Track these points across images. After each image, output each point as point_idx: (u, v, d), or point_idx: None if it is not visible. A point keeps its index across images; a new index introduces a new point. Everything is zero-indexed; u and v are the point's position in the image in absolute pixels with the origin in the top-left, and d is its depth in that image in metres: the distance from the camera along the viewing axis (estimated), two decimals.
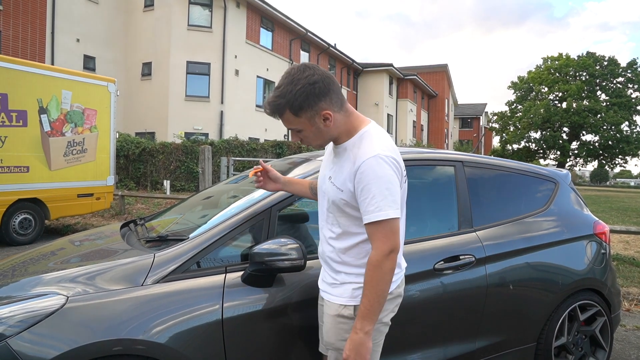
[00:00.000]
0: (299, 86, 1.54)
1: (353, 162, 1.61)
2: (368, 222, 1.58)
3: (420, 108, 42.14)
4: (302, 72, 1.57)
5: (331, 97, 1.60)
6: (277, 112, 1.61)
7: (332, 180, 1.71)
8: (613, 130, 40.52)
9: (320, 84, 1.56)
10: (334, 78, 1.65)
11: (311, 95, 1.55)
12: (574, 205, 3.13)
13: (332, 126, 1.64)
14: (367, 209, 1.57)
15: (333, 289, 1.77)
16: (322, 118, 1.60)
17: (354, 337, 1.59)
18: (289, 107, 1.57)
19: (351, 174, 1.61)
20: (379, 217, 1.55)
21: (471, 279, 2.46)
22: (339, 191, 1.67)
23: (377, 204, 1.55)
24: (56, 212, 7.96)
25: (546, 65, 44.05)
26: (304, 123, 1.62)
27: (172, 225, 2.72)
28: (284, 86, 1.57)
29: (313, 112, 1.59)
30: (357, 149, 1.63)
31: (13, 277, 2.17)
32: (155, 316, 1.80)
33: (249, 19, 22.15)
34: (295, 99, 1.55)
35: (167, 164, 15.79)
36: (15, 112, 7.13)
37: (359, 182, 1.58)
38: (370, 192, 1.55)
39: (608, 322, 2.97)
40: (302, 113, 1.58)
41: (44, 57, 16.86)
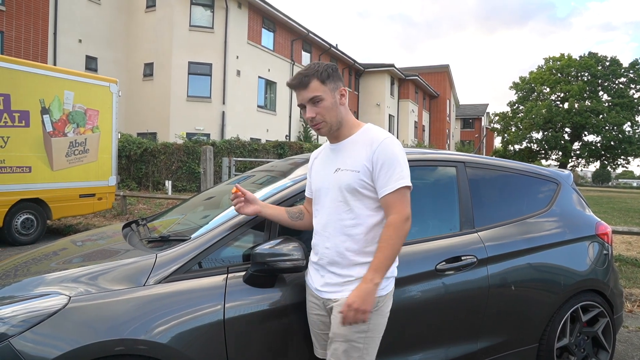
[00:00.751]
0: (324, 64, 1.84)
1: (369, 144, 1.80)
2: (392, 190, 1.75)
3: (422, 108, 42.12)
4: (322, 62, 1.86)
5: (343, 84, 1.90)
6: (305, 80, 1.81)
7: (342, 169, 1.84)
8: (615, 131, 40.45)
9: (338, 72, 1.87)
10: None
11: (335, 72, 1.85)
12: (576, 206, 3.12)
13: (344, 105, 1.88)
14: (390, 179, 1.76)
15: (346, 286, 1.81)
16: (339, 93, 1.86)
17: (363, 286, 1.71)
18: (318, 76, 1.81)
19: (369, 154, 1.79)
20: (403, 184, 1.76)
21: (473, 279, 2.45)
22: (354, 173, 1.80)
23: (400, 174, 1.76)
24: (58, 212, 7.97)
25: (548, 66, 44.00)
26: (327, 92, 1.82)
27: (174, 226, 2.72)
28: (311, 65, 1.84)
29: (335, 85, 1.84)
30: (369, 135, 1.84)
31: (15, 277, 2.17)
32: (157, 316, 1.80)
33: (251, 20, 22.17)
34: (323, 69, 1.82)
35: (168, 165, 15.81)
36: (18, 113, 7.15)
37: (379, 158, 1.77)
38: (393, 164, 1.76)
39: (610, 323, 2.96)
40: (328, 82, 1.82)
41: (46, 58, 16.90)
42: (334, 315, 1.80)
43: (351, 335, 1.77)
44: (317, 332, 1.96)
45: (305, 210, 2.12)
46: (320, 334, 1.95)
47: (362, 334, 1.77)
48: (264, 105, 23.84)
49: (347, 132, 1.89)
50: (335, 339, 1.79)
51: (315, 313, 1.94)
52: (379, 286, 1.74)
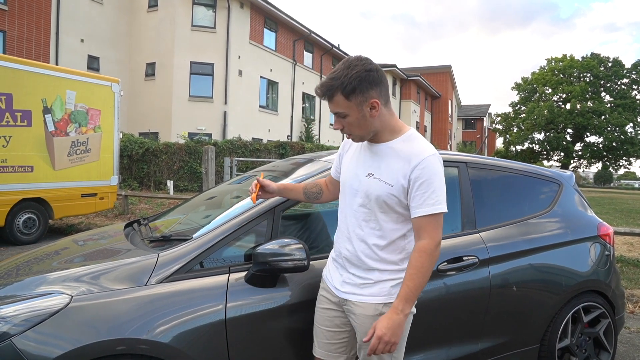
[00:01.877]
0: (354, 71, 1.61)
1: (408, 159, 1.68)
2: (426, 214, 1.65)
3: (424, 109, 42.10)
4: (359, 59, 1.65)
5: (381, 89, 1.67)
6: (328, 94, 1.66)
7: (375, 177, 1.74)
8: (617, 132, 40.43)
9: (374, 74, 1.64)
10: (385, 75, 1.73)
11: (364, 81, 1.62)
12: (578, 207, 3.12)
13: (376, 117, 1.69)
14: (426, 202, 1.65)
15: (364, 289, 1.79)
16: (369, 106, 1.66)
17: (394, 317, 1.63)
18: (342, 89, 1.62)
19: (407, 170, 1.67)
20: (439, 210, 1.66)
21: (474, 280, 2.45)
22: (387, 186, 1.70)
23: (437, 198, 1.65)
24: (60, 212, 7.98)
25: (550, 67, 43.99)
26: (352, 108, 1.66)
27: (176, 225, 2.72)
28: (339, 70, 1.64)
29: (363, 98, 1.64)
30: (410, 148, 1.70)
31: (17, 276, 2.18)
32: (158, 316, 1.81)
33: (253, 20, 22.19)
34: (349, 82, 1.61)
35: (170, 164, 15.83)
36: (20, 112, 7.16)
37: (419, 178, 1.65)
38: (432, 186, 1.65)
39: (612, 324, 2.96)
40: (353, 97, 1.63)
41: (49, 57, 16.93)
42: (361, 325, 1.78)
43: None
44: (320, 329, 1.94)
45: (325, 188, 2.09)
46: (324, 330, 1.93)
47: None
48: (266, 105, 23.86)
49: (386, 137, 1.75)
50: (366, 346, 1.75)
51: (325, 307, 1.92)
52: (407, 316, 1.67)
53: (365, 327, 1.77)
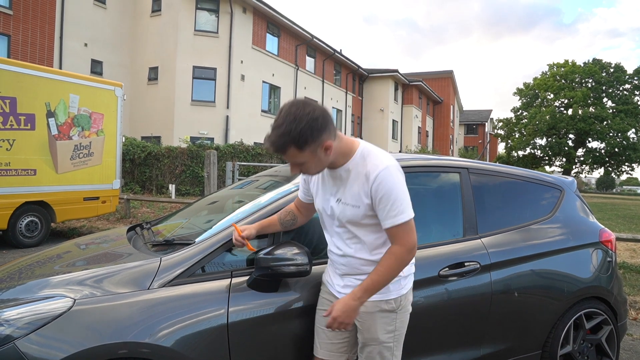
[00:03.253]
0: (302, 123, 1.60)
1: (365, 178, 1.74)
2: (391, 225, 1.73)
3: (426, 114, 42.14)
4: (302, 109, 1.62)
5: (330, 129, 1.69)
6: (281, 150, 1.67)
7: (342, 202, 1.82)
8: (619, 138, 40.33)
9: (321, 119, 1.64)
10: (327, 109, 1.72)
11: (315, 130, 1.63)
12: (580, 213, 3.12)
13: (331, 154, 1.73)
14: (389, 214, 1.72)
15: None
16: (324, 149, 1.69)
17: (350, 303, 1.76)
18: (294, 143, 1.63)
19: (366, 189, 1.74)
20: (402, 220, 1.72)
21: (476, 285, 2.45)
22: (355, 208, 1.79)
23: (398, 208, 1.71)
24: (62, 215, 8.00)
25: (552, 72, 43.98)
26: (307, 156, 1.68)
27: (178, 230, 2.73)
28: (287, 124, 1.61)
29: (316, 145, 1.66)
30: (364, 166, 1.75)
31: (20, 279, 2.19)
32: (161, 320, 1.81)
33: (255, 25, 22.28)
34: (300, 135, 1.61)
35: (172, 168, 15.85)
36: (24, 116, 7.20)
37: (377, 192, 1.72)
38: (391, 199, 1.71)
39: (614, 331, 2.95)
40: (307, 147, 1.65)
41: (52, 61, 17.02)
42: (362, 322, 1.89)
43: (382, 337, 1.88)
44: (322, 330, 1.99)
45: (298, 213, 2.14)
46: (326, 330, 1.98)
47: (391, 334, 1.90)
48: (268, 109, 23.91)
49: (341, 161, 1.80)
50: (368, 344, 1.90)
51: (326, 309, 1.96)
52: (363, 304, 1.79)
53: (368, 324, 1.88)
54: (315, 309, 2.06)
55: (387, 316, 1.88)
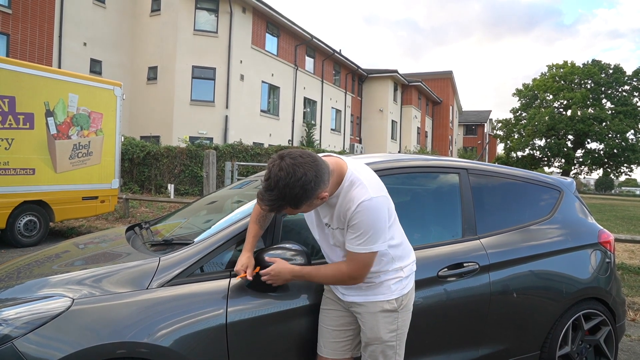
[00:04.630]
0: (296, 189, 1.61)
1: (348, 205, 1.75)
2: (349, 250, 1.80)
3: (425, 114, 42.16)
4: (293, 174, 1.60)
5: (324, 181, 1.69)
6: (277, 211, 1.71)
7: (331, 227, 1.88)
8: (618, 139, 40.40)
9: (314, 180, 1.63)
10: (319, 159, 1.69)
11: (308, 191, 1.64)
12: (579, 214, 3.12)
13: (327, 197, 1.75)
14: (352, 241, 1.77)
15: (370, 290, 1.92)
16: (319, 199, 1.72)
17: (287, 272, 1.87)
18: (290, 205, 1.67)
19: (347, 216, 1.76)
20: (361, 251, 1.77)
21: (474, 286, 2.45)
22: (342, 231, 1.83)
23: (363, 240, 1.75)
24: (61, 215, 7.99)
25: (551, 73, 44.05)
26: (304, 209, 1.75)
27: (177, 230, 2.73)
28: (278, 190, 1.61)
29: (312, 200, 1.69)
30: (349, 196, 1.76)
31: (18, 279, 2.18)
32: (160, 320, 1.81)
33: (255, 25, 22.28)
34: (294, 199, 1.63)
35: (171, 168, 15.85)
36: (23, 115, 7.19)
37: (352, 220, 1.75)
38: (360, 230, 1.74)
39: (613, 332, 2.95)
40: (303, 205, 1.69)
41: (51, 61, 17.00)
42: (364, 322, 1.93)
43: (385, 337, 1.91)
44: (327, 329, 2.02)
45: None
46: (330, 329, 2.01)
47: (393, 333, 1.92)
48: (267, 109, 23.91)
49: (333, 191, 1.80)
50: (371, 343, 1.94)
51: (330, 308, 2.03)
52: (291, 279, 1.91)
53: (370, 324, 1.92)
54: (314, 308, 2.06)
55: (389, 315, 1.91)
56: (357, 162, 1.90)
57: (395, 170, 2.52)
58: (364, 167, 1.87)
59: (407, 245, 2.02)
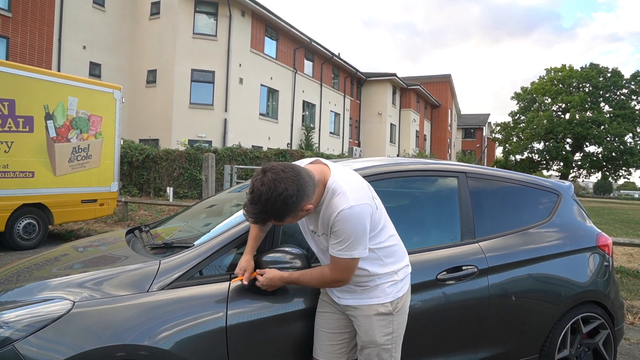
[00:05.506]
0: (278, 204, 1.63)
1: (330, 214, 1.76)
2: (333, 255, 1.81)
3: (424, 118, 42.23)
4: (274, 189, 1.61)
5: (307, 194, 1.69)
6: (262, 222, 1.76)
7: (317, 234, 1.90)
8: (617, 142, 40.52)
9: (296, 194, 1.64)
10: (302, 172, 1.69)
11: (291, 205, 1.65)
12: (577, 217, 3.13)
13: (313, 209, 1.77)
14: (335, 246, 1.79)
15: (365, 293, 1.93)
16: (304, 211, 1.73)
17: (277, 279, 1.89)
18: (273, 218, 1.69)
19: (329, 222, 1.78)
20: (343, 256, 1.79)
21: (473, 289, 2.46)
22: (327, 237, 1.84)
23: (344, 246, 1.76)
24: (60, 218, 7.99)
25: (549, 77, 44.21)
26: (289, 221, 1.76)
27: (177, 233, 2.74)
28: (261, 204, 1.64)
29: (295, 212, 1.71)
30: (331, 204, 1.76)
31: (18, 282, 2.19)
32: (160, 322, 1.82)
33: (254, 28, 22.33)
34: (277, 212, 1.66)
35: (170, 171, 15.85)
36: (22, 118, 7.19)
37: (333, 227, 1.76)
38: (341, 236, 1.76)
39: (611, 335, 2.96)
40: (286, 218, 1.71)
41: (51, 64, 17.02)
42: (359, 325, 1.94)
43: (380, 340, 1.92)
44: (323, 332, 2.03)
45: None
46: (326, 332, 2.02)
47: (389, 336, 1.93)
48: (266, 113, 23.94)
49: (316, 202, 1.82)
50: (367, 346, 1.94)
51: (326, 311, 2.04)
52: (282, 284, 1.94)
53: (365, 327, 1.93)
54: (313, 311, 2.07)
55: (384, 319, 1.92)
56: (342, 168, 1.87)
57: (394, 174, 2.53)
58: (348, 174, 1.85)
59: (401, 249, 2.02)
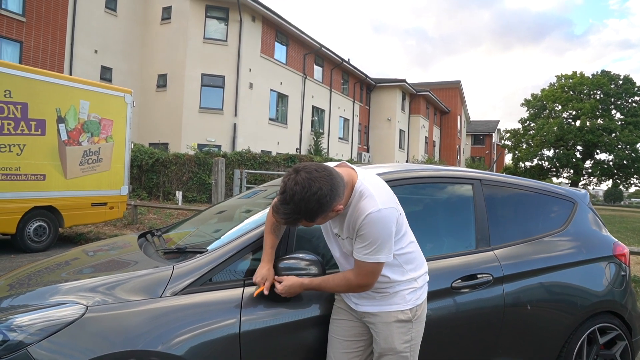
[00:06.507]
0: (311, 204, 1.63)
1: (357, 216, 1.76)
2: (357, 259, 1.80)
3: (433, 124, 42.11)
4: (309, 188, 1.61)
5: (339, 194, 1.70)
6: (293, 224, 1.76)
7: (341, 237, 1.88)
8: (628, 150, 40.06)
9: (329, 195, 1.64)
10: (334, 172, 1.70)
11: (324, 205, 1.65)
12: (593, 226, 3.08)
13: (342, 209, 1.77)
14: (360, 250, 1.78)
15: (384, 300, 1.91)
16: (335, 211, 1.73)
17: (296, 285, 1.88)
18: (305, 219, 1.69)
19: (356, 225, 1.77)
20: (368, 260, 1.77)
21: (488, 298, 2.42)
22: (352, 241, 1.83)
23: (370, 250, 1.75)
24: (70, 221, 8.04)
25: (560, 84, 43.87)
26: (319, 222, 1.76)
27: (189, 238, 2.72)
28: (294, 204, 1.63)
29: (327, 213, 1.70)
30: (358, 208, 1.76)
31: (29, 285, 2.18)
32: (173, 328, 1.80)
33: (264, 33, 22.43)
34: (309, 212, 1.65)
35: (179, 175, 15.91)
36: (35, 121, 7.26)
37: (360, 231, 1.76)
38: (367, 240, 1.75)
39: (629, 347, 2.90)
40: (317, 218, 1.70)
41: (63, 68, 17.20)
42: (378, 332, 1.92)
43: (399, 347, 1.90)
44: (337, 339, 2.00)
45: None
46: (340, 340, 1.99)
47: (408, 344, 1.90)
48: (275, 118, 23.99)
49: (344, 204, 1.82)
50: (385, 354, 1.92)
51: (342, 318, 2.01)
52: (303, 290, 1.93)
53: (385, 334, 1.90)
54: (328, 318, 2.05)
55: (404, 326, 1.90)
56: (367, 172, 1.89)
57: (409, 181, 2.51)
58: (374, 178, 1.86)
59: (420, 256, 2.01)
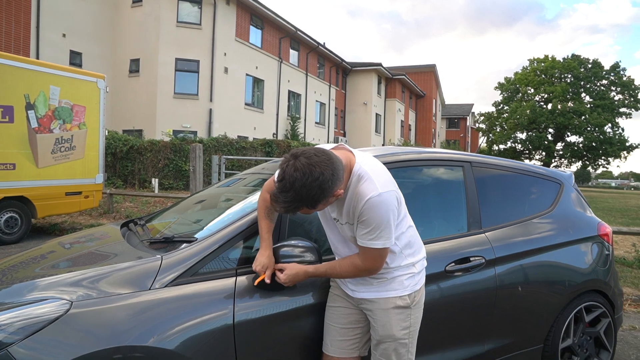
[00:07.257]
0: (313, 190, 1.56)
1: (357, 200, 1.70)
2: (361, 245, 1.76)
3: (408, 108, 42.32)
4: (310, 174, 1.54)
5: (339, 178, 1.63)
6: (293, 211, 1.66)
7: (340, 222, 1.84)
8: (597, 132, 41.13)
9: (331, 180, 1.58)
10: (333, 156, 1.63)
11: (326, 190, 1.59)
12: (578, 207, 3.12)
13: (342, 194, 1.72)
14: (364, 236, 1.73)
15: (382, 286, 1.87)
16: (335, 196, 1.67)
17: (300, 273, 1.83)
18: (307, 205, 1.62)
19: (356, 212, 1.72)
20: (373, 246, 1.73)
21: (481, 280, 2.42)
22: (351, 226, 1.79)
23: (374, 235, 1.71)
24: (43, 211, 7.76)
25: (532, 67, 44.54)
26: (320, 208, 1.70)
27: (175, 226, 2.63)
28: (295, 191, 1.56)
29: (328, 199, 1.65)
30: (357, 191, 1.70)
31: (3, 282, 2.04)
32: (164, 321, 1.72)
33: (239, 17, 21.98)
34: (311, 199, 1.59)
35: (155, 162, 15.58)
36: (1, 108, 6.93)
37: (361, 216, 1.71)
38: (370, 225, 1.70)
39: (612, 323, 2.97)
40: (319, 204, 1.64)
41: (29, 52, 16.51)
42: (376, 319, 1.88)
43: (398, 334, 1.86)
44: (334, 327, 1.96)
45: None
46: (337, 327, 1.96)
47: (406, 330, 1.88)
48: (252, 102, 23.68)
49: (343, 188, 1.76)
50: (384, 341, 1.88)
51: (338, 305, 1.97)
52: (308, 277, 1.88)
53: (383, 321, 1.87)
54: (323, 306, 2.01)
55: (402, 312, 1.87)
56: (365, 154, 1.83)
57: (401, 164, 2.46)
58: (372, 160, 1.81)
59: (418, 241, 1.98)
